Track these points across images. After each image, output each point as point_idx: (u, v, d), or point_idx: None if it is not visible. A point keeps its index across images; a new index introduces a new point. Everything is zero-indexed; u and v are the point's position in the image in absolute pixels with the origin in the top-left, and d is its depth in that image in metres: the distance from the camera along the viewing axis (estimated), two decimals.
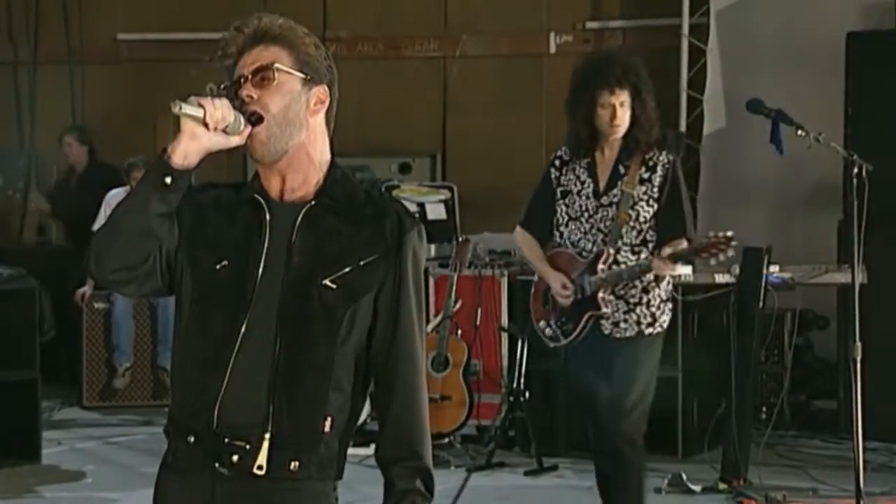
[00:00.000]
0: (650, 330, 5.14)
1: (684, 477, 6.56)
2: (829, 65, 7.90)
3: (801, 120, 5.71)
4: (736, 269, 6.74)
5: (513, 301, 7.57)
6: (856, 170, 5.42)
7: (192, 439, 2.61)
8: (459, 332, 7.35)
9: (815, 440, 7.67)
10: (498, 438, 7.14)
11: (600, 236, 5.13)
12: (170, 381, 2.78)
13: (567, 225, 5.17)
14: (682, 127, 8.97)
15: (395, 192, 8.17)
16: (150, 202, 2.59)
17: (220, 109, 2.58)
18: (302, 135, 2.65)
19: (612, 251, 5.10)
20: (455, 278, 7.30)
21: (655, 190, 5.10)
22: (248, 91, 2.63)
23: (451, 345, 7.25)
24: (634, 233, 5.11)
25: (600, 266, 5.09)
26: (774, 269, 6.67)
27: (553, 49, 9.73)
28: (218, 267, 2.62)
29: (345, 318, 2.60)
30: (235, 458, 2.58)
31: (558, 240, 5.21)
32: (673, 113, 9.04)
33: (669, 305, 5.22)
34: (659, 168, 5.11)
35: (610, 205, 5.12)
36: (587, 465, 7.14)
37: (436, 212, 8.21)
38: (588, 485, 6.77)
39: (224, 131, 2.60)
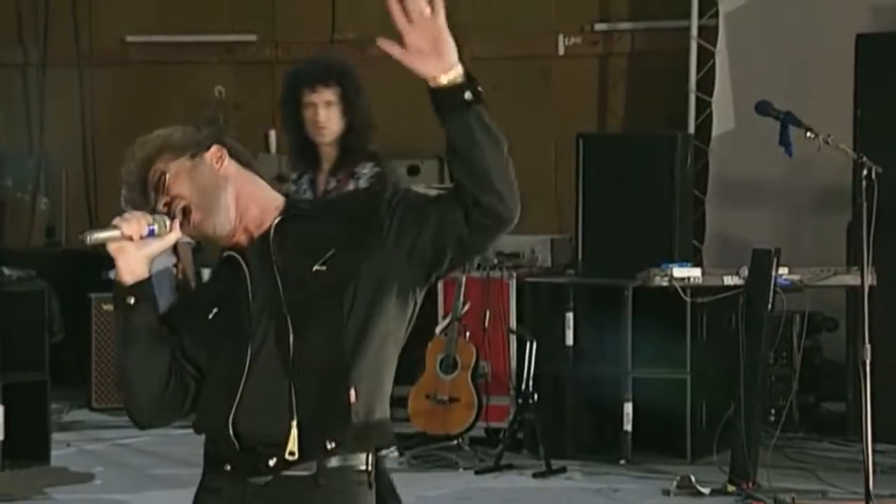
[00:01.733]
0: None
1: (693, 479, 6.55)
2: (839, 67, 7.89)
3: (810, 122, 5.70)
4: (745, 271, 6.73)
5: (521, 303, 7.56)
6: (865, 172, 5.42)
7: (228, 467, 2.66)
8: (468, 334, 7.34)
9: (824, 442, 7.65)
10: (506, 440, 7.14)
11: None
12: (203, 436, 2.79)
13: None
14: (691, 129, 8.96)
15: None
16: (133, 326, 2.70)
17: (133, 220, 2.70)
18: (228, 190, 2.75)
19: None
20: (463, 280, 7.30)
21: None
22: (162, 201, 2.74)
23: (459, 347, 7.25)
24: None
25: None
26: (783, 271, 6.66)
27: (561, 51, 9.72)
28: (210, 316, 2.72)
29: (346, 292, 2.64)
30: (273, 461, 2.61)
31: None
32: (681, 115, 9.03)
33: None
34: (363, 181, 4.79)
35: None
36: (596, 468, 7.14)
37: None
38: (597, 487, 6.78)
39: (151, 235, 2.72)
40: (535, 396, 7.10)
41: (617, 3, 9.69)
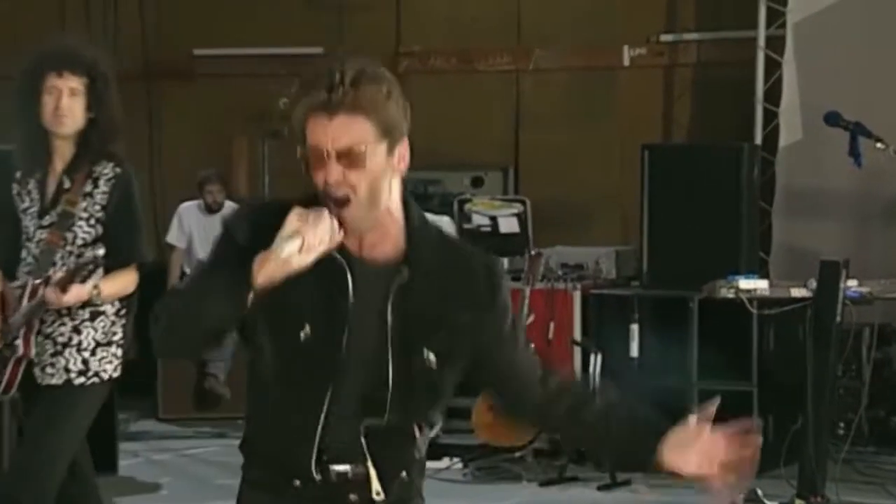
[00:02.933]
0: (81, 379, 4.35)
1: (760, 493, 6.49)
2: None
3: (879, 132, 5.64)
4: (812, 283, 6.67)
5: (585, 315, 7.54)
6: None
7: (297, 483, 2.60)
8: (532, 345, 7.31)
9: (895, 457, 7.56)
10: (571, 452, 7.11)
11: (35, 264, 4.34)
12: (251, 434, 2.70)
13: None
14: (758, 140, 8.89)
15: (467, 206, 8.16)
16: (230, 315, 2.51)
17: (318, 233, 2.47)
18: (391, 199, 2.55)
19: (36, 281, 4.30)
20: (527, 292, 7.28)
21: (98, 208, 4.33)
22: (334, 173, 2.47)
23: None
24: (73, 259, 4.30)
25: (24, 301, 4.31)
26: (852, 283, 6.58)
27: (626, 62, 9.69)
28: (302, 337, 2.54)
29: (444, 377, 2.62)
30: (354, 497, 2.59)
31: None
32: (748, 126, 8.97)
33: (114, 351, 4.44)
34: (102, 182, 4.34)
35: (50, 225, 4.34)
36: (660, 480, 7.09)
37: (508, 225, 8.20)
38: (661, 500, 6.73)
39: (323, 245, 2.50)
40: None
41: (683, 14, 9.64)
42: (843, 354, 7.01)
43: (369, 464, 2.57)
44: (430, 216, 2.68)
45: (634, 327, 7.28)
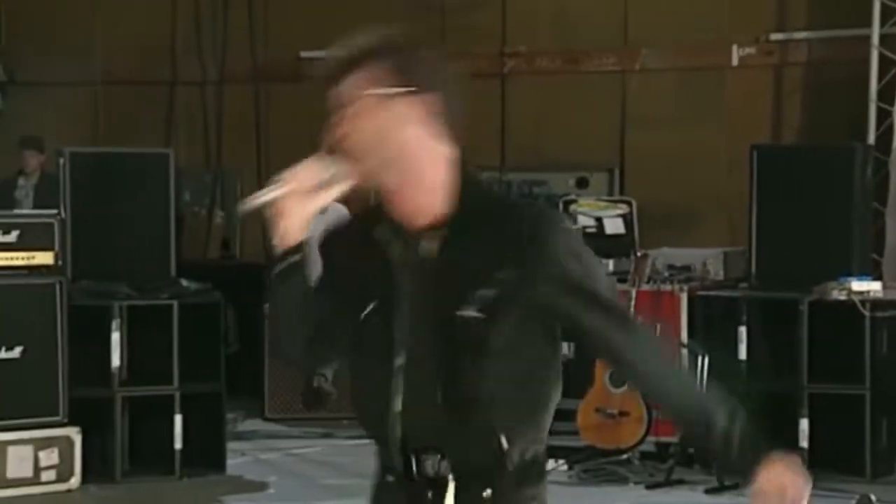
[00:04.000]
0: None
1: (873, 498, 6.35)
2: None
3: None
4: None
5: (692, 317, 7.46)
6: None
7: (390, 478, 2.58)
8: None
9: None
10: (678, 456, 7.04)
11: None
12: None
13: None
14: (871, 139, 8.73)
15: (572, 207, 8.12)
16: (288, 289, 2.55)
17: (303, 173, 2.54)
18: (406, 159, 2.52)
19: None
20: (634, 293, 7.23)
21: None
22: (341, 129, 2.59)
23: None
24: None
25: None
26: None
27: (735, 62, 9.57)
28: (363, 316, 2.54)
29: (490, 340, 2.49)
30: (430, 494, 2.53)
31: None
32: (860, 126, 8.81)
33: None
34: None
35: None
36: None
37: (614, 226, 8.15)
38: None
39: (325, 186, 2.51)
40: None
41: (794, 12, 9.50)
42: None
43: (450, 476, 2.50)
44: None
45: (742, 329, 7.19)
